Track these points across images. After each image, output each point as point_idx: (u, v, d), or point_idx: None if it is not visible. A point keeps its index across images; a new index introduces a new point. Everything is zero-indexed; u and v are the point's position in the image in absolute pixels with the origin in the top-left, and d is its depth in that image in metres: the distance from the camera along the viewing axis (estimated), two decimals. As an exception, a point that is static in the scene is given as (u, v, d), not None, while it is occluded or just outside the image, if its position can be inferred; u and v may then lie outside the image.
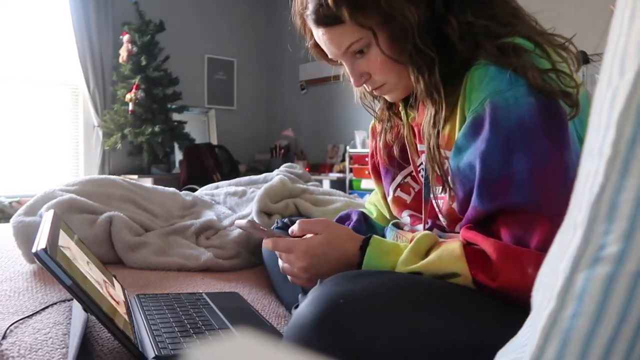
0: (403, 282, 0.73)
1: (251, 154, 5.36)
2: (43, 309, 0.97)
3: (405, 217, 1.00)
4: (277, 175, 2.07)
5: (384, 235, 1.03)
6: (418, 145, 0.95)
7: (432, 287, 0.72)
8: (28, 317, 0.92)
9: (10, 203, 3.39)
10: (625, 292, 0.27)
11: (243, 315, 0.99)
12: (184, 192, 1.98)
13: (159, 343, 0.78)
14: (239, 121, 5.31)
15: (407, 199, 0.99)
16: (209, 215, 1.73)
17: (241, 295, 1.14)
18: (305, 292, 0.87)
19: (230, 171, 4.49)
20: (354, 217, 1.12)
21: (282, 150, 5.17)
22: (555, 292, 0.29)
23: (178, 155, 4.49)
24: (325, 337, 0.61)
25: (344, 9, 0.80)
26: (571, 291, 0.28)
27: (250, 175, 2.31)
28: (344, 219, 1.14)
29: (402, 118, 0.97)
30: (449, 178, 0.81)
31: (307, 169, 4.40)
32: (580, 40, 0.79)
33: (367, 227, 1.12)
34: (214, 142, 4.89)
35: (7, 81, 3.92)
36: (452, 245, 0.76)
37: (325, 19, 0.83)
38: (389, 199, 1.03)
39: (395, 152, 1.00)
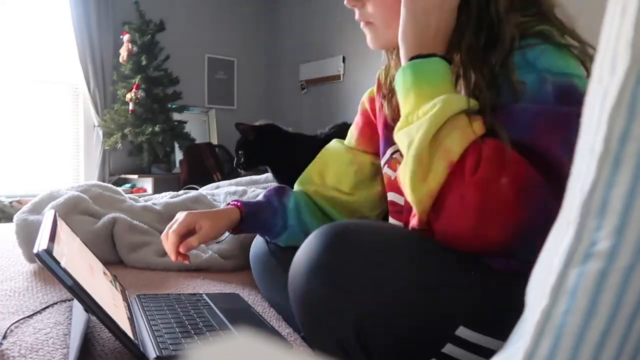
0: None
1: (252, 154, 5.35)
2: (44, 309, 0.97)
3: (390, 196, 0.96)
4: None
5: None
6: None
7: (427, 249, 0.69)
8: (28, 317, 0.92)
9: (11, 203, 3.39)
10: (617, 287, 0.27)
11: (243, 316, 0.99)
12: (182, 191, 1.99)
13: (160, 343, 0.78)
14: (239, 121, 5.30)
15: (392, 175, 0.94)
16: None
17: (241, 296, 1.14)
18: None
19: (230, 171, 4.48)
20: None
21: (283, 150, 5.16)
22: (548, 288, 0.29)
23: (178, 155, 4.48)
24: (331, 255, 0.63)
25: None
26: (564, 287, 0.28)
27: (250, 175, 2.31)
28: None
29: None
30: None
31: (307, 168, 4.37)
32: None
33: (278, 202, 1.09)
34: (214, 141, 4.88)
35: (7, 81, 3.92)
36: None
37: None
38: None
39: (389, 119, 0.94)
